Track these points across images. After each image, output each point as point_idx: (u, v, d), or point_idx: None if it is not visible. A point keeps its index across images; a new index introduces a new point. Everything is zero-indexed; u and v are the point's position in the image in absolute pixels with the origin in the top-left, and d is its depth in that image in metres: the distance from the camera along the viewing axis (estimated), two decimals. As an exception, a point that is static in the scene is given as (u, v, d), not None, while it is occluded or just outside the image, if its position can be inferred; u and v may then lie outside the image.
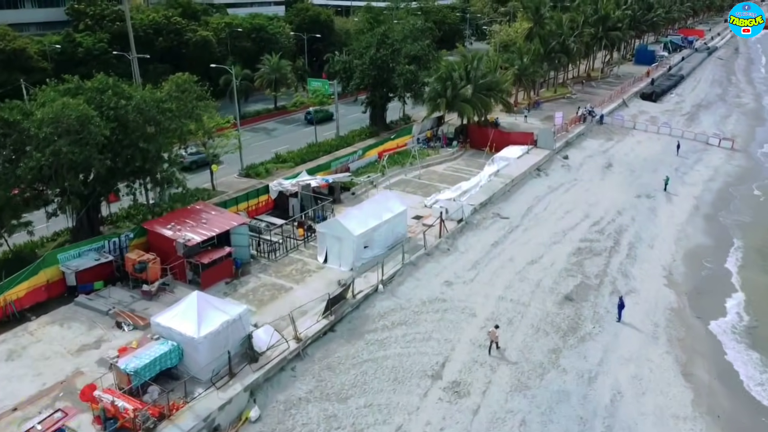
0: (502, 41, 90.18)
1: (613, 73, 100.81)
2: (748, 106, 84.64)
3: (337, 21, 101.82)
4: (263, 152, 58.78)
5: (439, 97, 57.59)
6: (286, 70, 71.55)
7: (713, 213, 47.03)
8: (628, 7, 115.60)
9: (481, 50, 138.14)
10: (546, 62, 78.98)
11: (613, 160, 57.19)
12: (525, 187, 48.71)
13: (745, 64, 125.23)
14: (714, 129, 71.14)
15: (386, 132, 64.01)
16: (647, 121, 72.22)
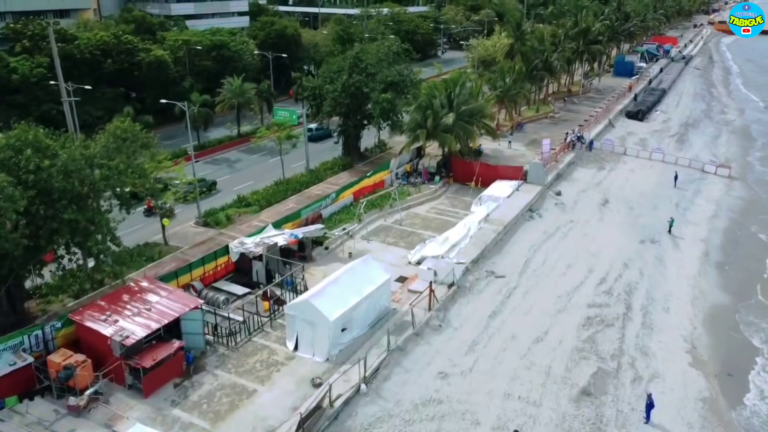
0: (481, 57, 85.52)
1: (594, 87, 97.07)
2: (735, 124, 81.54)
3: (305, 35, 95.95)
4: (225, 190, 52.89)
5: (419, 128, 52.37)
6: (250, 94, 65.44)
7: (724, 260, 42.80)
8: (606, 17, 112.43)
9: (456, 59, 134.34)
10: (528, 81, 74.48)
11: (608, 194, 52.71)
12: (519, 233, 43.76)
13: (722, 74, 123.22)
14: (706, 152, 67.55)
15: (361, 162, 58.64)
16: (637, 144, 68.28)
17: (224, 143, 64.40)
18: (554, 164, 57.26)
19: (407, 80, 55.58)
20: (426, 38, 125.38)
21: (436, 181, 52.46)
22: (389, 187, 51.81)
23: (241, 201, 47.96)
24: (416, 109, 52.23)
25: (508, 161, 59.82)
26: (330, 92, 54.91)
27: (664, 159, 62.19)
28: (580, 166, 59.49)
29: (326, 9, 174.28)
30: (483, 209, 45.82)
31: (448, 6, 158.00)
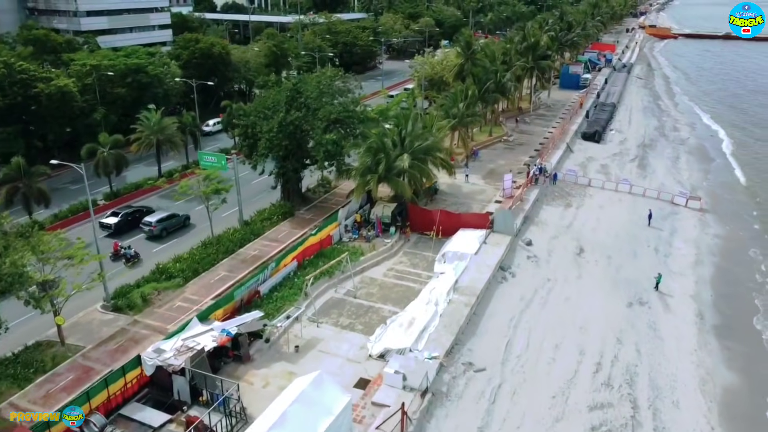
0: (427, 75, 79.60)
1: (543, 102, 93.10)
2: (690, 143, 78.93)
3: (235, 52, 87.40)
4: (144, 253, 44.53)
5: (369, 173, 45.60)
6: (171, 130, 56.86)
7: (720, 322, 38.13)
8: (550, 28, 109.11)
9: (397, 71, 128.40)
10: (481, 103, 69.03)
11: (582, 240, 47.56)
12: (493, 302, 37.68)
13: (664, 83, 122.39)
14: (670, 179, 63.97)
15: (303, 207, 51.53)
16: (599, 172, 63.98)
17: (143, 188, 55.58)
18: (519, 204, 51.76)
19: (354, 116, 48.69)
20: (365, 50, 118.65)
21: (391, 233, 45.81)
22: (337, 242, 44.94)
23: (160, 272, 39.86)
24: (366, 152, 45.42)
25: (467, 199, 54.13)
26: (265, 132, 47.39)
27: (632, 191, 57.89)
28: (546, 204, 54.28)
29: (257, 17, 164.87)
30: (449, 272, 39.54)
31: (386, 14, 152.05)
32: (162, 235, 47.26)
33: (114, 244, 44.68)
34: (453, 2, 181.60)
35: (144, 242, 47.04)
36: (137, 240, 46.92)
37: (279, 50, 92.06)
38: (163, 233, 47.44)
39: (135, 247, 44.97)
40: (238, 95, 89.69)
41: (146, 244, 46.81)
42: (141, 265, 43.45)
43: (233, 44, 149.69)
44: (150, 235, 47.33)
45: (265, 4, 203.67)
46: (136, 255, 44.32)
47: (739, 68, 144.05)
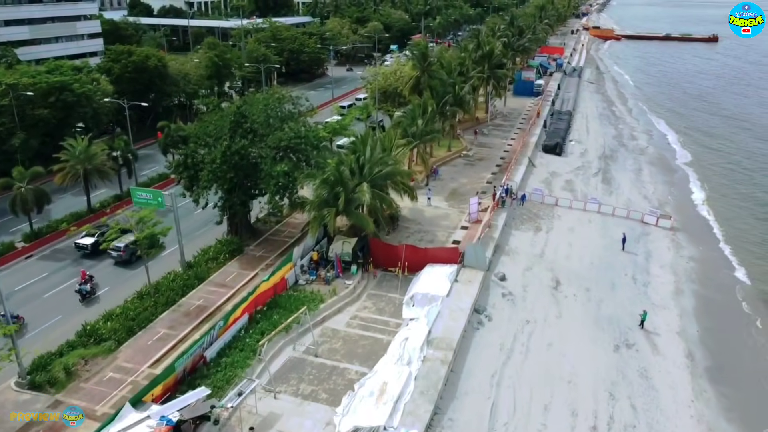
0: (381, 87, 75.53)
1: (499, 112, 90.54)
2: (649, 152, 77.69)
3: (173, 64, 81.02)
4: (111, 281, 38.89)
5: (326, 206, 41.13)
6: (100, 158, 50.75)
7: (713, 364, 35.49)
8: (502, 33, 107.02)
9: (347, 78, 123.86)
10: (440, 117, 65.46)
11: (556, 270, 44.47)
12: (471, 355, 33.89)
13: (614, 87, 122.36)
14: (636, 194, 62.08)
15: (253, 242, 46.70)
16: (565, 188, 61.50)
17: (68, 226, 49.28)
18: (488, 231, 48.31)
19: (308, 143, 44.02)
20: (312, 57, 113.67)
21: (353, 272, 41.45)
22: (293, 286, 40.30)
23: (88, 334, 34.34)
24: (322, 184, 40.89)
25: (431, 225, 50.34)
26: (207, 163, 42.24)
27: (600, 210, 55.40)
28: (515, 228, 51.06)
29: (197, 22, 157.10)
30: (421, 319, 35.55)
31: (333, 18, 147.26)
32: (131, 260, 43.91)
33: (82, 273, 40.60)
34: (400, 5, 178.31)
35: (112, 269, 43.23)
36: (105, 266, 43.06)
37: (221, 61, 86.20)
38: (133, 258, 43.87)
39: (103, 274, 40.60)
40: (179, 109, 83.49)
41: (115, 270, 42.96)
42: (99, 301, 39.41)
43: (172, 52, 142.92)
44: (119, 260, 43.76)
45: (205, 8, 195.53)
46: (92, 290, 40.05)
47: (680, 70, 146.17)
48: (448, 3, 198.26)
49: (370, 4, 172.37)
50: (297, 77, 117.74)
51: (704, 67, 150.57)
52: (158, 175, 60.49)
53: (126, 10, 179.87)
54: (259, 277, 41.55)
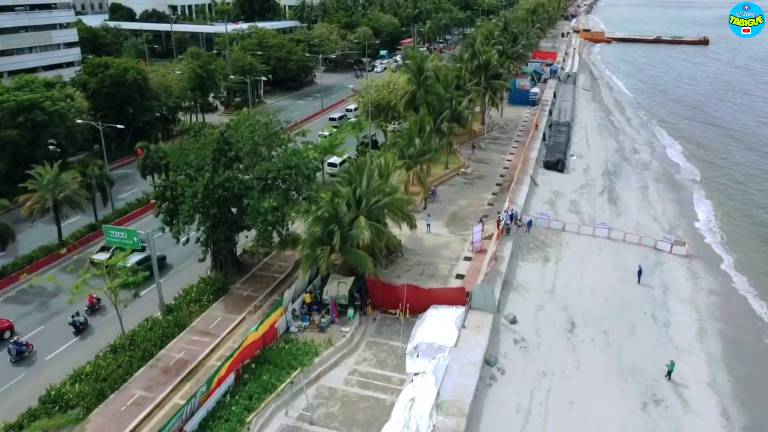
0: (374, 100, 71.81)
1: (495, 123, 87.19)
2: (653, 167, 74.60)
3: (153, 76, 76.71)
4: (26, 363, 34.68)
5: (321, 245, 37.36)
6: (72, 187, 46.57)
7: (751, 425, 32.12)
8: (496, 40, 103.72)
9: (336, 86, 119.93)
10: (437, 134, 61.90)
11: (569, 308, 41.06)
12: (485, 419, 30.36)
13: (610, 94, 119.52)
14: (645, 216, 58.88)
15: (240, 279, 42.95)
16: (571, 211, 58.14)
17: (38, 260, 45.09)
18: (494, 263, 44.79)
19: (299, 173, 40.17)
20: (300, 65, 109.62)
21: (349, 317, 37.73)
22: (284, 334, 36.50)
23: (53, 400, 30.32)
24: (315, 222, 37.10)
25: (432, 256, 46.82)
26: (188, 196, 38.32)
27: (610, 235, 52.09)
28: (522, 259, 47.61)
29: (180, 26, 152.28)
30: (428, 375, 31.92)
31: (321, 24, 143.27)
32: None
33: (89, 297, 38.58)
34: (389, 9, 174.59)
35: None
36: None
37: (204, 72, 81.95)
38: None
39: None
40: (161, 122, 79.17)
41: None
42: (93, 333, 37.27)
43: (154, 58, 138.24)
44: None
45: (189, 12, 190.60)
46: (85, 323, 37.78)
47: (673, 75, 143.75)
48: (437, 6, 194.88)
49: (358, 8, 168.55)
50: (284, 85, 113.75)
51: (697, 72, 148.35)
52: (137, 200, 56.36)
53: (107, 14, 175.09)
54: (246, 323, 37.83)
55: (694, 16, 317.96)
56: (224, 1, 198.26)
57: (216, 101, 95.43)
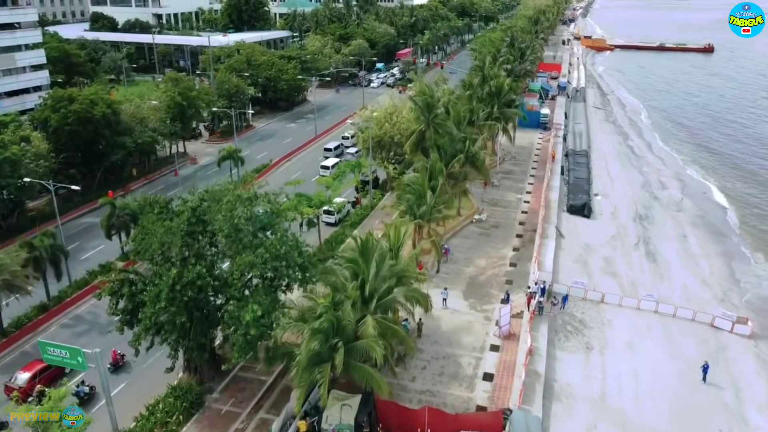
0: (375, 136, 63.76)
1: (506, 153, 79.32)
2: (687, 207, 66.92)
3: (126, 107, 68.22)
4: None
5: (320, 363, 29.20)
6: (12, 267, 38.09)
7: None
8: (504, 58, 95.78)
9: (330, 105, 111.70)
10: (449, 181, 53.81)
11: (627, 425, 33.10)
12: None
13: (623, 113, 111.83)
14: (691, 276, 51.17)
15: (218, 386, 34.85)
16: (607, 273, 50.32)
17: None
18: (529, 357, 36.83)
19: (291, 263, 31.87)
20: (292, 84, 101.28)
21: (356, 452, 29.63)
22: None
23: None
24: (314, 335, 28.92)
25: (451, 346, 39.07)
26: (149, 300, 30.08)
27: (658, 309, 44.24)
28: (560, 348, 39.70)
29: (163, 38, 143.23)
30: None
31: (313, 36, 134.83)
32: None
33: (113, 352, 36.31)
34: (385, 18, 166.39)
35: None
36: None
37: (185, 100, 73.55)
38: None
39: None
40: (138, 155, 70.64)
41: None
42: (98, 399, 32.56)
43: (137, 73, 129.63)
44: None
45: (175, 21, 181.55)
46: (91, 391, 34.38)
47: (683, 88, 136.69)
48: (434, 13, 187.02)
49: (352, 17, 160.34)
50: (275, 106, 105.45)
51: (708, 85, 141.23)
52: (101, 266, 48.00)
53: (88, 23, 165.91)
54: (226, 461, 29.68)
55: (690, 19, 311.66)
56: (212, 9, 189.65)
57: (199, 128, 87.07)
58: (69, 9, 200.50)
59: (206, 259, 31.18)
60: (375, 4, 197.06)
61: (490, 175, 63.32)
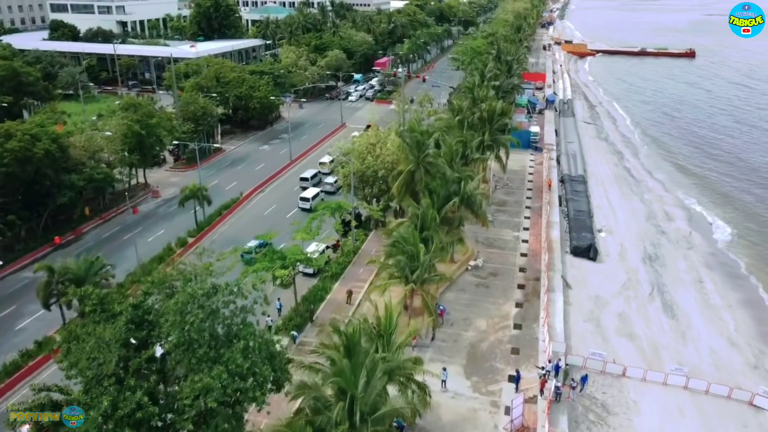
0: (357, 171, 57.26)
1: (498, 180, 73.46)
2: (696, 243, 61.52)
3: (76, 139, 60.61)
4: None
5: None
6: None
7: None
8: (492, 73, 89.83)
9: (306, 122, 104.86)
10: (443, 227, 47.50)
11: None
12: None
13: (614, 127, 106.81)
14: (716, 335, 45.42)
15: None
16: (622, 333, 44.43)
17: None
18: (549, 466, 30.71)
19: (261, 383, 25.12)
20: (265, 103, 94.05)
21: None
22: None
23: None
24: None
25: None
26: (74, 438, 23.10)
27: (688, 385, 38.45)
28: (583, 444, 33.65)
29: (127, 48, 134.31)
30: None
31: (287, 47, 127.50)
32: None
33: None
34: (362, 25, 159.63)
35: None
36: None
37: (144, 128, 66.04)
38: None
39: None
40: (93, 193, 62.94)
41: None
42: None
43: (100, 87, 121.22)
44: None
45: (141, 28, 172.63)
46: None
47: (669, 96, 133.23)
48: (412, 19, 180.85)
49: (328, 25, 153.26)
50: (247, 125, 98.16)
51: (693, 91, 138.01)
52: (36, 344, 40.64)
53: (47, 30, 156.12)
54: None
55: (667, 21, 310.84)
56: (181, 16, 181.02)
57: (164, 153, 79.48)
58: (28, 15, 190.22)
59: (150, 379, 24.31)
60: (351, 10, 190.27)
61: (487, 193, 57.40)
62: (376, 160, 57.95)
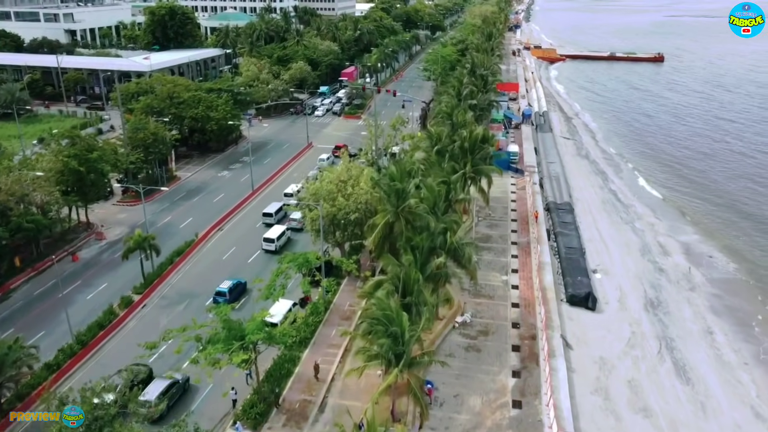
0: (327, 215, 50.60)
1: (481, 211, 67.71)
2: (698, 283, 56.42)
3: (3, 180, 52.51)
4: None
5: None
6: None
7: None
8: (467, 91, 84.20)
9: (269, 143, 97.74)
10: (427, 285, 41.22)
11: None
12: None
13: (593, 143, 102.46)
14: (738, 404, 40.30)
15: None
16: (634, 405, 38.96)
17: None
18: None
19: None
20: (223, 124, 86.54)
21: None
22: None
23: None
24: None
25: None
26: None
27: (720, 479, 33.12)
28: None
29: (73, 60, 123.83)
30: None
31: (247, 59, 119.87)
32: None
33: None
34: (327, 33, 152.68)
35: None
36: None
37: (84, 164, 58.10)
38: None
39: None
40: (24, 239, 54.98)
41: None
42: None
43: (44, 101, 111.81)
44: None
45: (92, 38, 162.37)
46: None
47: (644, 105, 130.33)
48: (378, 25, 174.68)
49: (291, 33, 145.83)
50: (205, 148, 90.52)
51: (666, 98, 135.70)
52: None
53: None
54: None
55: (630, 23, 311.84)
56: (135, 23, 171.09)
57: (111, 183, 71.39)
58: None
59: None
60: (315, 15, 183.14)
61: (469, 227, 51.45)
62: (348, 200, 51.48)
